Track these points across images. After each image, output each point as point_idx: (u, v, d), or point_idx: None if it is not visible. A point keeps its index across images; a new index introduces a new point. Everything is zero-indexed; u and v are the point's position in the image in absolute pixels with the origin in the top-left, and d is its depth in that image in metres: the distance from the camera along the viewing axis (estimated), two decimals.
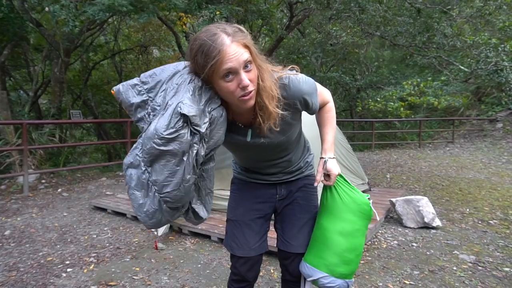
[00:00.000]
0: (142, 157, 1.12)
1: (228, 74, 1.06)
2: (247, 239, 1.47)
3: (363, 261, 2.91)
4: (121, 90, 1.19)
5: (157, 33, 12.20)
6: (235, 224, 1.50)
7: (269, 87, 1.14)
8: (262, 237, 1.52)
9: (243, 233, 1.48)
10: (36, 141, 7.25)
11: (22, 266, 2.90)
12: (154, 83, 1.15)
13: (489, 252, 3.08)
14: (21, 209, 4.62)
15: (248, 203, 1.50)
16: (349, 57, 13.46)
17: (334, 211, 1.41)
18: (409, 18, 7.27)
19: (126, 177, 1.20)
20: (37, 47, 10.85)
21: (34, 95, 9.81)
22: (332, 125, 1.43)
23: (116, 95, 1.20)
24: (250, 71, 1.09)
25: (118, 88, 1.20)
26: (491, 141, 10.90)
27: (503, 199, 4.80)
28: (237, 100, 1.11)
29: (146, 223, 1.19)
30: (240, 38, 1.07)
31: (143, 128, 1.14)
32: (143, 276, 2.69)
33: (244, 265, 1.50)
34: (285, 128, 1.29)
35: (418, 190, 5.45)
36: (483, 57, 7.03)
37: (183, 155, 1.06)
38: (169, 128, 1.03)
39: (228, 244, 1.52)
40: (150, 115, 1.13)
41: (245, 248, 1.47)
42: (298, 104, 1.25)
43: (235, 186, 1.58)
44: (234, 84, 1.08)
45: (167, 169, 1.08)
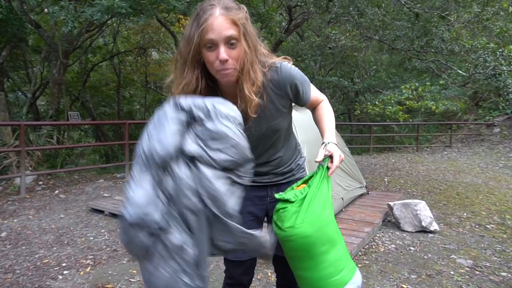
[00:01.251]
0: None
1: (211, 45, 1.08)
2: None
3: (361, 264, 2.90)
4: None
5: (156, 35, 12.22)
6: None
7: (248, 70, 1.13)
8: None
9: None
10: (34, 143, 7.22)
11: (18, 268, 2.89)
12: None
13: (486, 257, 3.08)
14: (18, 210, 4.60)
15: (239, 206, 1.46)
16: (347, 61, 13.51)
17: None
18: (407, 23, 7.31)
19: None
20: (35, 48, 10.84)
21: (32, 96, 9.79)
22: (331, 117, 1.39)
23: None
24: (234, 49, 1.09)
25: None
26: (488, 145, 10.94)
27: (500, 204, 4.81)
28: (215, 72, 1.12)
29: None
30: (231, 14, 1.08)
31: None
32: (140, 279, 2.68)
33: (238, 268, 1.46)
34: (274, 114, 1.27)
35: (416, 194, 5.46)
36: (481, 61, 7.07)
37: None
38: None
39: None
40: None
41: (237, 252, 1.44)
42: (288, 89, 1.25)
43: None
44: (214, 56, 1.09)
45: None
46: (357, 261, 2.96)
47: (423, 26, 7.20)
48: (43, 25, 9.49)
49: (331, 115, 1.40)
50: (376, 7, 7.05)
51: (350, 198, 4.31)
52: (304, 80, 1.29)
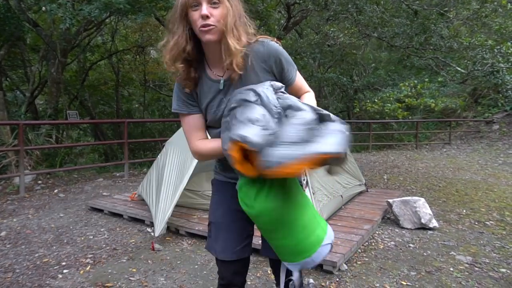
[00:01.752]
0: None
1: (196, 4, 1.17)
2: (228, 242, 1.41)
3: (360, 262, 2.91)
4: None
5: (154, 33, 12.19)
6: (216, 227, 1.44)
7: (231, 28, 1.20)
8: (244, 240, 1.44)
9: (224, 236, 1.42)
10: (33, 142, 7.21)
11: (18, 267, 2.89)
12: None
13: (485, 253, 3.09)
14: (17, 210, 4.60)
15: (227, 204, 1.42)
16: (346, 58, 13.50)
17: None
18: (406, 20, 7.30)
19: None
20: (34, 47, 10.80)
21: (31, 95, 9.76)
22: (312, 100, 1.40)
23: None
24: (216, 8, 1.18)
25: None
26: (487, 142, 10.96)
27: (499, 200, 4.82)
28: (198, 30, 1.19)
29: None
30: None
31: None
32: (140, 277, 2.68)
33: (229, 269, 1.44)
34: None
35: (415, 191, 5.46)
36: (479, 58, 7.07)
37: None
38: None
39: (211, 247, 1.46)
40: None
41: (226, 252, 1.41)
42: (273, 63, 1.28)
43: (214, 188, 1.51)
44: (197, 14, 1.18)
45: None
46: (357, 258, 2.97)
47: (422, 23, 7.19)
48: (41, 23, 9.46)
49: (313, 99, 1.41)
50: (374, 4, 7.04)
51: (350, 195, 4.31)
52: (290, 61, 1.32)
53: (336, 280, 2.59)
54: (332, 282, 2.55)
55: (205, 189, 4.46)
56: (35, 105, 10.55)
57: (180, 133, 4.41)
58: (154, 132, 13.62)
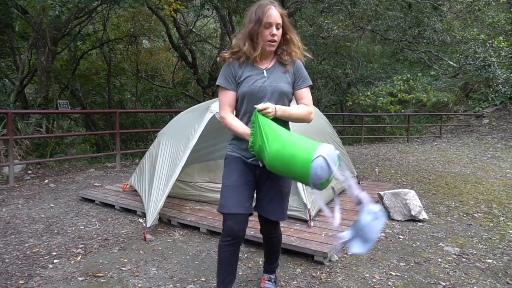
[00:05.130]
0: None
1: (268, 25, 1.81)
2: (241, 199, 1.87)
3: (351, 252, 2.94)
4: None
5: (147, 23, 12.00)
6: (231, 188, 1.89)
7: (294, 39, 1.92)
8: (249, 199, 1.92)
9: (237, 194, 1.88)
10: (22, 131, 7.11)
11: (8, 257, 2.86)
12: None
13: (473, 245, 3.14)
14: (7, 200, 4.54)
15: (239, 172, 1.92)
16: (340, 51, 13.47)
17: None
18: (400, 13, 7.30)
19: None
20: (23, 35, 10.57)
21: (20, 84, 9.59)
22: (299, 111, 1.89)
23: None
24: (278, 30, 1.85)
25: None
26: (477, 136, 11.10)
27: (487, 193, 4.90)
28: (265, 42, 1.83)
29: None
30: (280, 10, 1.85)
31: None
32: (131, 267, 2.68)
33: (237, 221, 1.86)
34: (285, 80, 1.91)
35: (406, 183, 5.53)
36: (471, 52, 7.11)
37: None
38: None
39: (224, 206, 1.87)
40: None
41: (239, 206, 1.86)
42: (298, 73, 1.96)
43: (229, 160, 1.97)
44: (268, 32, 1.82)
45: None
46: (347, 249, 3.00)
47: (415, 16, 7.20)
48: (30, 10, 9.24)
49: (301, 111, 1.89)
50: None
51: (341, 188, 4.34)
52: (306, 76, 1.98)
53: (326, 270, 2.62)
54: (322, 273, 2.57)
55: (197, 180, 4.45)
56: (24, 94, 10.37)
57: (172, 124, 4.39)
58: (146, 122, 13.51)
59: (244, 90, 1.87)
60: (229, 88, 1.89)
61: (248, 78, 1.86)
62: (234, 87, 1.90)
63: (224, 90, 1.90)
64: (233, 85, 1.89)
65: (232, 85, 1.89)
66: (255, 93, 1.85)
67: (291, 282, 2.46)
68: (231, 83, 1.89)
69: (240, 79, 1.88)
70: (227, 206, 1.87)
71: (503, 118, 11.64)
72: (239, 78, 1.88)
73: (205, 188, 4.02)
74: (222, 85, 1.90)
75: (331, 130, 4.73)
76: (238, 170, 1.92)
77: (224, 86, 1.89)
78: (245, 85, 1.86)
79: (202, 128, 3.46)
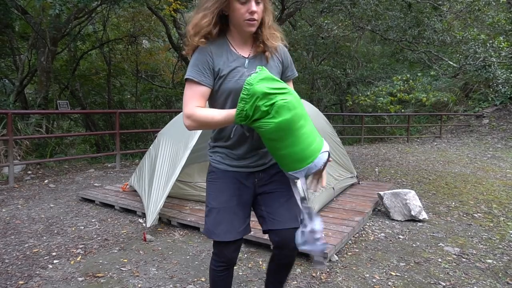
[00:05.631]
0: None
1: (245, 0, 1.36)
2: (234, 223, 1.52)
3: (351, 253, 2.94)
4: None
5: (147, 23, 12.00)
6: (222, 211, 1.52)
7: (269, 25, 1.48)
8: (245, 220, 1.57)
9: (230, 218, 1.52)
10: (22, 132, 7.10)
11: (7, 257, 2.86)
12: None
13: (473, 245, 3.14)
14: (6, 200, 4.54)
15: (231, 191, 1.54)
16: (340, 51, 13.48)
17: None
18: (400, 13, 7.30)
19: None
20: (22, 35, 10.57)
21: (20, 84, 9.59)
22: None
23: None
24: (259, 6, 1.39)
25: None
26: (477, 136, 11.10)
27: (487, 193, 4.90)
28: (242, 21, 1.39)
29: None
30: None
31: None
32: (131, 268, 2.68)
33: (231, 248, 1.55)
34: (272, 70, 1.49)
35: (406, 183, 5.52)
36: (471, 52, 7.11)
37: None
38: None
39: (212, 231, 1.53)
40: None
41: (232, 232, 1.51)
42: (287, 60, 1.59)
43: (216, 175, 1.59)
44: (245, 8, 1.37)
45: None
46: (348, 249, 3.00)
47: (415, 16, 7.20)
48: (30, 11, 9.25)
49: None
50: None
51: (341, 187, 4.34)
52: (293, 65, 1.65)
53: (326, 270, 2.61)
54: (322, 273, 2.57)
55: (197, 180, 4.45)
56: (24, 94, 10.37)
57: (172, 124, 4.38)
58: (146, 123, 13.51)
59: (229, 86, 1.44)
60: (202, 82, 1.41)
61: (233, 71, 1.44)
62: (209, 82, 1.43)
63: (193, 85, 1.41)
64: (209, 79, 1.43)
65: (207, 79, 1.42)
66: (240, 89, 1.37)
67: (291, 282, 2.45)
68: (206, 75, 1.42)
69: (221, 72, 1.44)
70: (218, 234, 1.51)
71: (503, 118, 11.63)
72: (220, 70, 1.44)
73: (205, 188, 4.01)
74: (193, 78, 1.41)
75: (331, 130, 4.72)
76: (229, 188, 1.54)
77: (196, 80, 1.41)
78: (230, 81, 1.44)
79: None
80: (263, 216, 1.58)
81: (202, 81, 1.41)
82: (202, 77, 1.42)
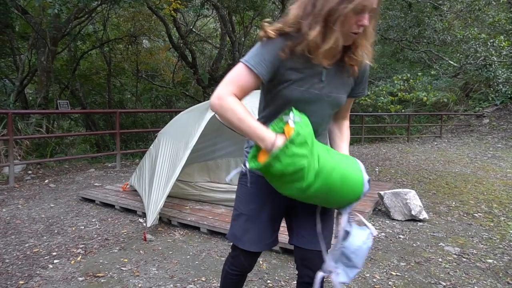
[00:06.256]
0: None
1: (361, 9, 1.15)
2: (261, 235, 1.42)
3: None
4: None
5: (147, 23, 12.00)
6: (249, 219, 1.42)
7: (370, 41, 1.27)
8: (274, 233, 1.47)
9: (259, 229, 1.42)
10: (22, 131, 7.11)
11: (8, 257, 2.86)
12: None
13: (473, 244, 3.14)
14: (7, 200, 4.54)
15: (263, 199, 1.41)
16: None
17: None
18: (400, 12, 7.29)
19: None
20: (23, 35, 10.56)
21: (20, 84, 9.59)
22: (347, 146, 1.50)
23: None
24: (370, 18, 1.20)
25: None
26: (477, 136, 11.09)
27: (488, 193, 4.89)
28: (347, 33, 1.19)
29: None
30: None
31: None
32: (132, 267, 2.68)
33: (252, 259, 1.49)
34: (345, 88, 1.36)
35: (406, 183, 5.52)
36: (472, 52, 7.11)
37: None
38: None
39: (238, 238, 1.44)
40: None
41: (259, 244, 1.43)
42: (363, 76, 1.40)
43: (248, 179, 1.43)
44: (355, 19, 1.16)
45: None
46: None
47: (415, 16, 7.19)
48: (30, 10, 9.25)
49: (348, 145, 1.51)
50: None
51: None
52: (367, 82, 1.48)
53: None
54: None
55: (197, 180, 4.46)
56: (24, 94, 10.38)
57: (172, 123, 4.38)
58: (146, 122, 13.51)
59: (293, 95, 1.27)
60: (256, 71, 1.21)
61: (302, 80, 1.26)
62: (264, 74, 1.22)
63: (246, 70, 1.22)
64: (265, 71, 1.22)
65: (263, 70, 1.22)
66: (307, 101, 1.28)
67: (291, 282, 2.45)
68: (264, 67, 1.22)
69: (287, 77, 1.26)
70: (244, 242, 1.42)
71: (503, 118, 11.62)
72: (283, 74, 1.25)
73: (205, 188, 4.02)
74: (248, 64, 1.21)
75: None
76: (261, 196, 1.40)
77: (251, 67, 1.21)
78: (297, 89, 1.26)
79: (202, 127, 3.46)
80: (292, 228, 1.48)
81: (256, 69, 1.21)
82: (259, 67, 1.21)
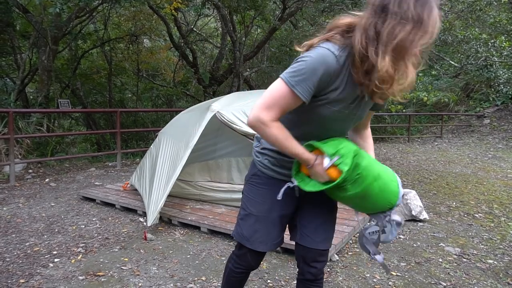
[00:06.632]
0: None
1: (427, 41, 1.12)
2: (271, 235, 1.46)
3: (351, 252, 2.94)
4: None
5: (148, 22, 12.00)
6: (259, 220, 1.44)
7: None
8: (281, 233, 1.51)
9: (268, 229, 1.45)
10: (23, 130, 7.11)
11: (8, 256, 2.87)
12: None
13: (473, 245, 3.14)
14: (7, 199, 4.55)
15: (274, 200, 1.40)
16: None
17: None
18: None
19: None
20: (24, 34, 10.57)
21: (21, 83, 9.59)
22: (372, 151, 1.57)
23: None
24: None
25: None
26: (478, 136, 11.08)
27: (488, 193, 4.89)
28: (412, 58, 1.19)
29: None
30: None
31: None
32: (132, 267, 2.68)
33: (259, 258, 1.52)
34: (370, 105, 1.38)
35: (407, 183, 5.52)
36: (473, 52, 7.10)
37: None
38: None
39: (246, 238, 1.46)
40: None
41: (267, 244, 1.46)
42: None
43: (261, 180, 1.46)
44: (418, 50, 1.15)
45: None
46: (348, 249, 3.00)
47: None
48: (31, 9, 9.25)
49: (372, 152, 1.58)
50: None
51: None
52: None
53: (327, 270, 2.61)
54: None
55: (198, 179, 4.46)
56: (25, 93, 10.39)
57: (173, 123, 4.39)
58: (147, 122, 13.51)
59: (324, 113, 1.25)
60: (302, 97, 1.18)
61: (337, 101, 1.22)
62: (309, 98, 1.19)
63: (292, 94, 1.18)
64: (310, 95, 1.19)
65: (308, 96, 1.19)
66: (334, 119, 1.28)
67: (291, 282, 2.45)
68: (311, 91, 1.18)
69: (327, 95, 1.21)
70: (252, 242, 1.45)
71: (504, 118, 11.61)
72: (326, 93, 1.21)
73: (205, 187, 4.02)
74: (295, 90, 1.16)
75: None
76: (272, 197, 1.41)
77: (297, 92, 1.17)
78: (330, 109, 1.23)
79: (203, 127, 3.46)
80: (296, 226, 1.51)
81: (305, 99, 1.19)
82: (305, 92, 1.17)
